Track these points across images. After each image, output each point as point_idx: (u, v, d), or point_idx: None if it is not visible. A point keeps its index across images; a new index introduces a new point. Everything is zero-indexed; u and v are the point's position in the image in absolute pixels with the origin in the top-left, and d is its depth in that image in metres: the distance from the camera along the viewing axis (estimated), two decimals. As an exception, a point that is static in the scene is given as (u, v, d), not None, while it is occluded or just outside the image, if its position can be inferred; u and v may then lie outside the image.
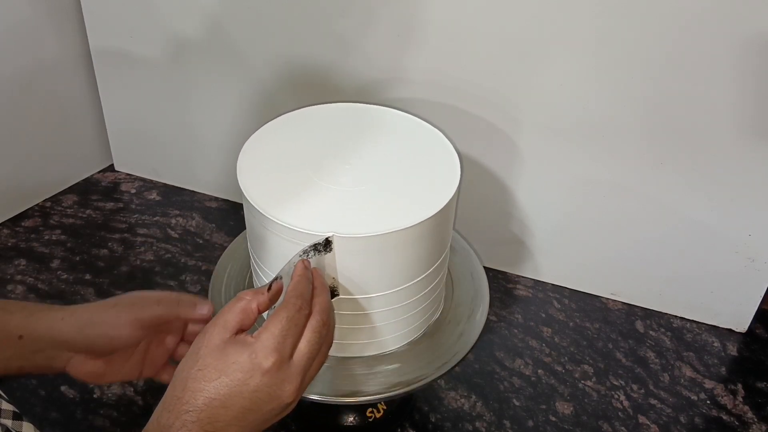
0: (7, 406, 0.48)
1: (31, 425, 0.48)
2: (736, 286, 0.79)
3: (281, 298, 0.47)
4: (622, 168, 0.76)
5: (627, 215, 0.79)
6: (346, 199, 0.53)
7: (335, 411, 0.66)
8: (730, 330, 0.83)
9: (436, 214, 0.52)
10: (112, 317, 0.54)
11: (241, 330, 0.45)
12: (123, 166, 1.08)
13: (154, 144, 1.02)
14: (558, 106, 0.75)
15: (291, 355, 0.44)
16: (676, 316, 0.84)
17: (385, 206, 0.53)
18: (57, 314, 0.54)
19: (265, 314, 0.47)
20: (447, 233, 0.58)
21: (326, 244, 0.50)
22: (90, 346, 0.54)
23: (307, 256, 0.50)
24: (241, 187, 0.54)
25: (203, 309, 0.56)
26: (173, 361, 0.62)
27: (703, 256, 0.78)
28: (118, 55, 0.95)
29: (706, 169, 0.73)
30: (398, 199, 0.54)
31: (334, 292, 0.53)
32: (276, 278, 0.48)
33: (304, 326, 0.45)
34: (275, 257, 0.54)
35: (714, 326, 0.83)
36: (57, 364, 0.55)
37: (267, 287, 0.47)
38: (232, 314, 0.45)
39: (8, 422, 0.46)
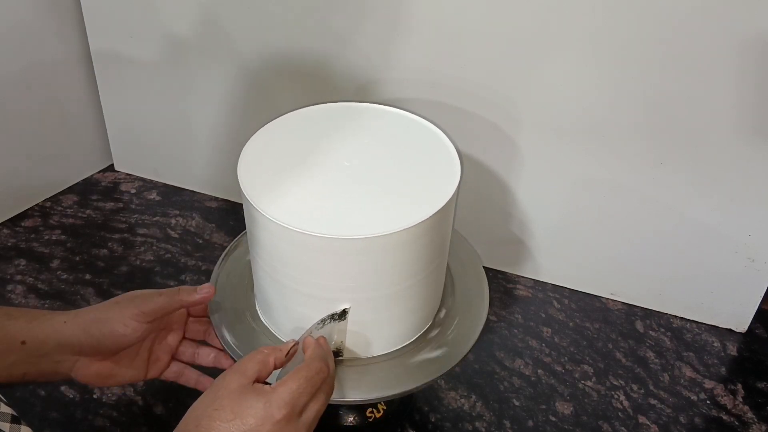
0: (5, 409, 0.47)
1: (29, 429, 0.47)
2: (736, 286, 0.79)
3: (295, 358, 0.51)
4: (622, 168, 0.76)
5: (627, 215, 0.79)
6: (345, 199, 0.53)
7: (335, 411, 0.66)
8: (730, 330, 0.83)
9: (435, 213, 0.52)
10: (117, 313, 0.55)
11: (257, 380, 0.47)
12: (123, 166, 1.08)
13: (154, 144, 1.02)
14: (558, 106, 0.75)
15: (302, 412, 0.47)
16: (676, 316, 0.84)
17: (384, 206, 0.53)
18: (60, 318, 0.55)
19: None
20: (447, 233, 0.58)
21: (342, 314, 0.54)
22: (97, 345, 0.55)
23: (324, 323, 0.53)
24: (242, 187, 0.54)
25: (204, 290, 0.58)
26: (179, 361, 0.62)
27: (703, 256, 0.78)
28: (118, 55, 0.95)
29: (706, 169, 0.73)
30: (398, 198, 0.54)
31: (338, 354, 0.57)
32: (295, 342, 0.52)
33: (319, 388, 0.48)
34: (275, 257, 0.54)
35: (714, 326, 0.83)
36: (62, 369, 0.55)
37: (286, 351, 0.50)
38: (252, 363, 0.48)
39: (6, 426, 0.46)
